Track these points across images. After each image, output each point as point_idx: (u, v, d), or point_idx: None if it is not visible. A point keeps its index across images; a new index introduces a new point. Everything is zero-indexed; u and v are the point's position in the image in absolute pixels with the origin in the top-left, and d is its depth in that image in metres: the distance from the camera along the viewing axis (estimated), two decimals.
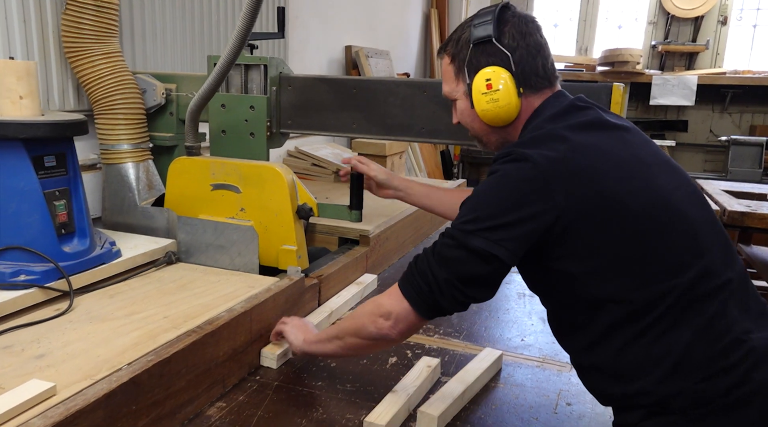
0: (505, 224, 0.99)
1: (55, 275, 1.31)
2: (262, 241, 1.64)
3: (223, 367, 1.27)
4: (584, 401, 1.31)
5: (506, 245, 0.99)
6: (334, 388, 1.32)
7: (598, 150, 1.02)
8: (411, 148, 4.16)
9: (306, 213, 1.66)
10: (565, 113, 1.10)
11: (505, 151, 1.06)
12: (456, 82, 1.20)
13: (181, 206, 1.72)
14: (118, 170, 1.78)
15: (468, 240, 1.00)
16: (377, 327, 1.12)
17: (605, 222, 0.98)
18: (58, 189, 1.37)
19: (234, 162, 1.68)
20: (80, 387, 0.98)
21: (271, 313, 1.44)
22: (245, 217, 1.67)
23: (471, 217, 1.02)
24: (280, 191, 1.63)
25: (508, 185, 1.01)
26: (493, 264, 1.00)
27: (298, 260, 1.64)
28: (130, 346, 1.14)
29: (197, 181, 1.70)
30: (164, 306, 1.34)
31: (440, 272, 1.03)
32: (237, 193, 1.67)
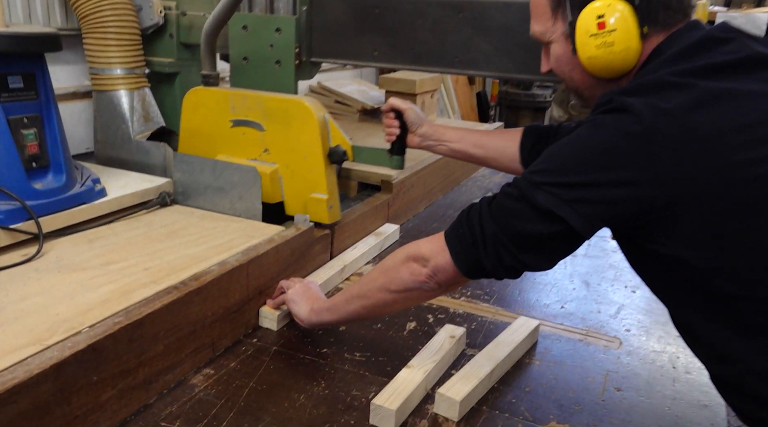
0: (584, 184, 0.79)
1: (22, 215, 1.13)
2: (288, 187, 1.43)
3: (212, 328, 1.09)
4: (636, 386, 1.10)
5: (579, 209, 0.79)
6: (341, 356, 1.14)
7: (730, 102, 0.76)
8: (444, 87, 3.85)
9: (339, 157, 1.41)
10: (694, 50, 0.82)
11: (604, 99, 0.82)
12: (552, 19, 0.95)
13: (197, 145, 1.50)
14: (110, 98, 1.57)
15: (533, 192, 0.82)
16: (412, 273, 0.96)
17: (728, 202, 0.74)
18: (26, 116, 1.17)
19: (257, 95, 1.43)
20: (25, 355, 0.81)
21: (274, 267, 1.25)
22: (269, 159, 1.43)
23: (543, 166, 0.83)
24: (310, 130, 1.38)
25: (599, 138, 0.79)
26: (556, 227, 0.81)
27: (329, 211, 1.41)
28: (98, 303, 0.97)
29: (215, 116, 1.47)
30: (147, 255, 1.16)
31: (490, 224, 0.86)
32: (260, 131, 1.43)
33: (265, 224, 1.37)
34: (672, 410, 1.04)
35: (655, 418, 1.02)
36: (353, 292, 1.07)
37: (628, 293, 1.49)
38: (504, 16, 1.40)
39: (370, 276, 1.04)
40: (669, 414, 1.03)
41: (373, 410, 0.95)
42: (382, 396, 0.96)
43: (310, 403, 1.00)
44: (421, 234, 1.76)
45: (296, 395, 1.01)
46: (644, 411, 1.03)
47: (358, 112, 2.62)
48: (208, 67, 1.50)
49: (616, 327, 1.32)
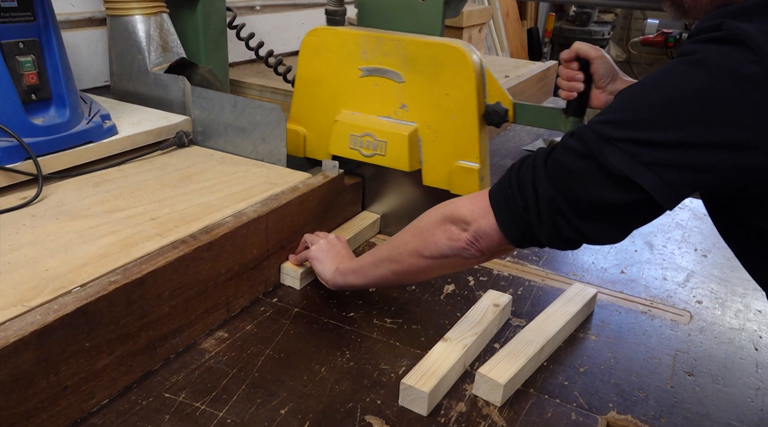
0: (673, 143, 0.63)
1: (20, 154, 1.02)
2: (428, 153, 1.20)
3: (226, 287, 0.98)
4: (711, 371, 0.95)
5: (663, 175, 0.64)
6: (369, 322, 1.01)
7: None
8: (494, 22, 3.56)
9: (500, 117, 1.16)
10: None
11: (706, 24, 0.65)
12: None
13: (315, 96, 1.27)
14: (124, 24, 1.42)
15: (604, 150, 0.67)
16: (450, 237, 0.82)
17: None
18: (22, 40, 1.04)
19: (395, 36, 1.17)
20: (2, 318, 0.70)
21: (297, 219, 1.12)
22: (407, 117, 1.19)
23: (620, 116, 0.67)
24: (464, 83, 1.12)
25: (699, 80, 0.62)
26: (630, 196, 0.66)
27: (479, 183, 1.18)
28: (94, 257, 0.85)
29: (341, 62, 1.22)
30: (156, 203, 1.04)
31: (547, 187, 0.72)
32: (398, 82, 1.20)
33: (290, 170, 1.23)
34: (756, 402, 0.88)
35: (736, 411, 0.87)
36: (382, 254, 0.93)
37: (699, 258, 1.31)
38: None
39: (402, 238, 0.90)
40: (753, 407, 0.87)
41: (403, 390, 0.83)
42: (414, 375, 0.83)
43: (332, 377, 0.88)
44: None
45: (317, 367, 0.90)
46: (722, 402, 0.88)
47: None
48: (334, 1, 1.26)
49: (685, 298, 1.15)
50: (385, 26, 1.25)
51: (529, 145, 1.88)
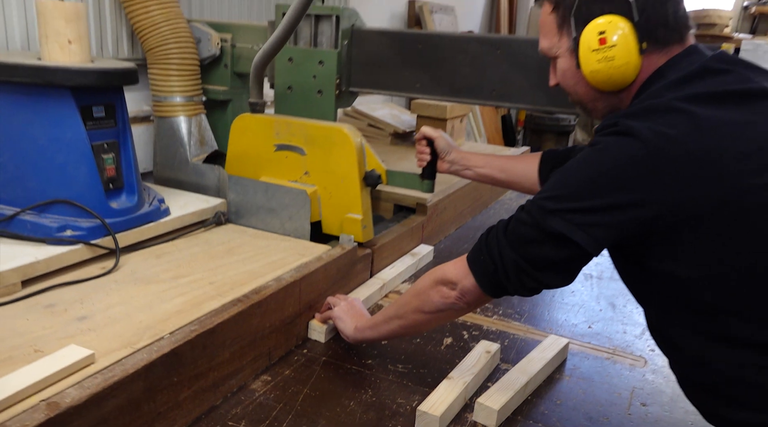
0: (594, 208, 0.85)
1: (101, 231, 1.26)
2: (325, 208, 1.55)
3: (269, 339, 1.20)
4: (661, 402, 1.18)
5: (590, 232, 0.85)
6: (384, 367, 1.24)
7: (731, 130, 0.82)
8: (472, 112, 3.96)
9: (374, 180, 1.53)
10: (694, 78, 0.88)
11: (609, 122, 0.88)
12: (558, 35, 1.00)
13: (243, 166, 1.63)
14: (170, 124, 1.71)
15: (546, 220, 0.88)
16: (443, 296, 1.04)
17: (728, 225, 0.80)
18: (106, 142, 1.30)
19: (300, 121, 1.56)
20: (119, 356, 0.92)
21: (322, 283, 1.36)
22: (309, 181, 1.56)
23: (554, 193, 0.89)
24: (348, 155, 1.50)
25: (605, 162, 0.84)
26: (570, 250, 0.87)
27: (363, 231, 1.53)
28: (174, 313, 1.08)
29: (260, 140, 1.60)
30: (210, 271, 1.27)
31: (509, 252, 0.93)
32: (302, 155, 1.55)
33: (313, 243, 1.49)
34: (695, 424, 1.12)
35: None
36: (390, 313, 1.16)
37: None
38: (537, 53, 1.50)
39: (405, 299, 1.13)
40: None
41: (418, 416, 1.05)
42: (427, 403, 1.06)
43: (360, 409, 1.10)
44: (453, 255, 1.86)
45: (346, 402, 1.11)
46: (668, 425, 1.11)
47: (390, 135, 2.74)
48: (256, 96, 1.63)
49: (641, 347, 1.40)
50: (294, 113, 1.67)
51: None
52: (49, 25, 1.23)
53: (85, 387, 0.84)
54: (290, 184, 1.55)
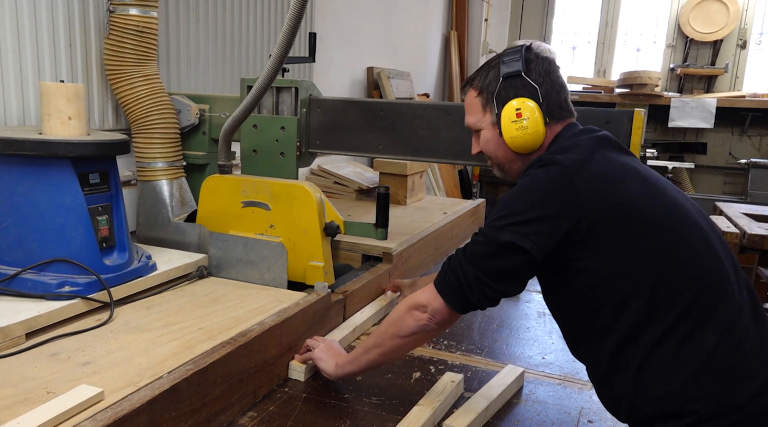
0: (533, 219, 1.07)
1: (97, 286, 1.38)
2: (290, 257, 1.69)
3: (254, 378, 1.32)
4: (605, 418, 1.34)
5: (533, 239, 1.07)
6: (360, 400, 1.36)
7: (619, 164, 1.14)
8: (431, 168, 4.21)
9: (333, 230, 1.71)
10: (584, 132, 1.23)
11: (537, 158, 1.17)
12: (483, 113, 1.28)
13: (212, 222, 1.79)
14: (152, 187, 1.85)
15: (497, 235, 1.09)
16: (415, 319, 1.20)
17: (630, 224, 1.06)
18: (101, 205, 1.44)
19: (264, 180, 1.74)
20: (125, 393, 1.04)
21: (300, 326, 1.49)
22: (274, 233, 1.73)
23: (501, 214, 1.11)
24: (309, 209, 1.69)
25: (536, 185, 1.10)
26: (521, 257, 1.08)
27: (324, 276, 1.69)
28: (169, 355, 1.20)
29: (229, 198, 1.77)
30: (198, 318, 1.40)
31: (469, 268, 1.12)
32: (267, 210, 1.73)
33: (291, 291, 1.63)
34: None
35: None
36: (369, 344, 1.31)
37: None
38: None
39: (382, 328, 1.29)
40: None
41: None
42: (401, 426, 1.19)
43: None
44: None
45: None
46: None
47: (355, 191, 2.93)
48: (224, 159, 1.81)
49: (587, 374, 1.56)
50: (259, 173, 1.89)
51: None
52: (51, 104, 1.38)
53: (98, 420, 0.95)
54: (258, 237, 1.70)
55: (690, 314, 1.03)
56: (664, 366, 1.03)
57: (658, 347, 1.04)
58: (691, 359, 1.02)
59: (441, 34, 5.15)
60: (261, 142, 1.91)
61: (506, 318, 1.91)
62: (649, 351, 1.04)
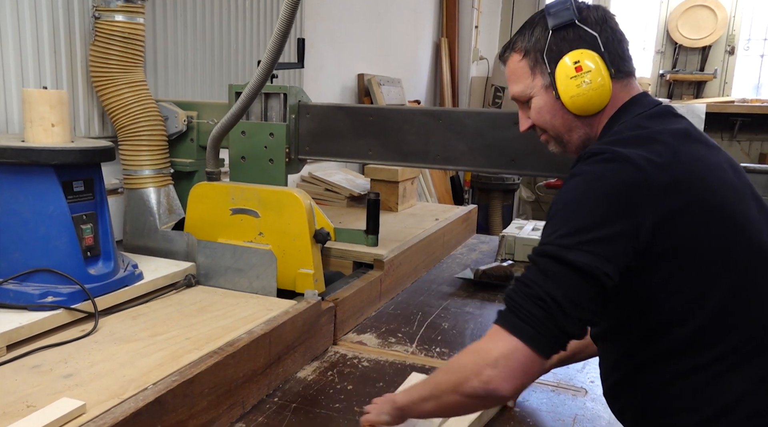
0: (611, 236, 0.88)
1: (81, 296, 1.35)
2: (279, 264, 1.67)
3: (242, 388, 1.29)
4: (600, 425, 1.32)
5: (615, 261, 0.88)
6: (351, 410, 1.34)
7: (706, 165, 0.95)
8: (422, 175, 4.20)
9: (323, 237, 1.69)
10: (661, 116, 1.02)
11: (594, 150, 0.95)
12: (531, 77, 1.10)
13: (201, 230, 1.76)
14: (140, 195, 1.82)
15: (569, 255, 0.88)
16: (483, 381, 0.89)
17: (707, 246, 0.90)
18: (85, 213, 1.41)
19: (253, 187, 1.72)
20: (108, 406, 1.01)
21: (290, 335, 1.46)
22: (263, 241, 1.70)
23: (568, 229, 0.89)
24: (298, 216, 1.67)
25: (605, 189, 0.89)
26: (601, 284, 0.88)
27: (314, 284, 1.67)
28: (155, 366, 1.17)
29: (217, 205, 1.74)
30: (186, 328, 1.37)
31: (556, 290, 0.87)
32: (256, 217, 1.70)
33: (279, 299, 1.60)
34: None
35: None
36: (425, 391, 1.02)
37: None
38: (475, 122, 1.72)
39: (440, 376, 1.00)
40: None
41: None
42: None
43: None
44: (410, 307, 2.00)
45: None
46: None
47: (346, 198, 2.91)
48: (212, 166, 1.80)
49: (582, 379, 1.54)
50: (248, 180, 1.86)
51: (460, 274, 2.32)
52: (34, 111, 1.36)
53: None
54: (247, 245, 1.68)
55: (733, 353, 0.92)
56: (684, 399, 0.94)
57: (685, 379, 0.94)
58: (716, 399, 0.92)
59: (432, 41, 5.16)
60: (249, 149, 1.89)
61: None
62: (673, 379, 0.94)
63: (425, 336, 1.77)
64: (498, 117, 1.70)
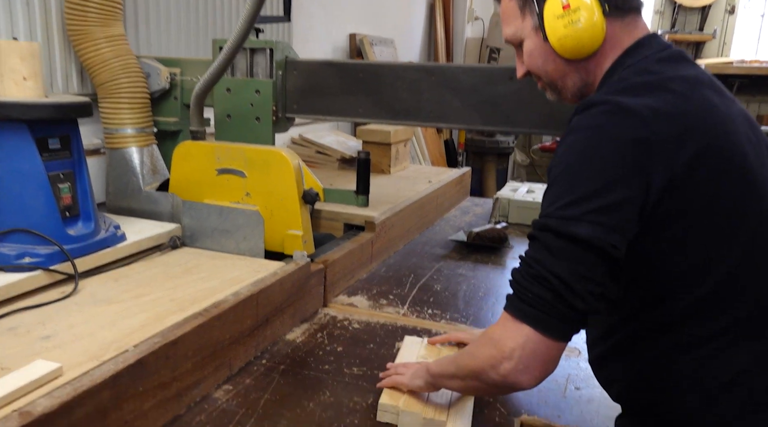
0: (616, 203, 0.79)
1: (59, 257, 1.30)
2: (267, 225, 1.62)
3: (229, 350, 1.26)
4: (593, 385, 1.30)
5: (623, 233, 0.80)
6: (341, 372, 1.31)
7: (720, 116, 0.84)
8: (415, 137, 4.13)
9: (312, 198, 1.64)
10: (673, 60, 0.90)
11: (593, 100, 0.85)
12: (521, 17, 1.00)
13: (185, 191, 1.71)
14: (122, 155, 1.76)
15: (571, 228, 0.80)
16: (501, 374, 0.86)
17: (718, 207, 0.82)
18: (62, 172, 1.35)
19: (239, 146, 1.66)
20: (87, 368, 0.97)
21: (278, 297, 1.43)
22: (250, 201, 1.65)
23: (570, 198, 0.81)
24: (286, 176, 1.61)
25: (607, 148, 0.80)
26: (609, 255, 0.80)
27: (303, 245, 1.63)
28: (137, 328, 1.13)
29: (202, 165, 1.69)
30: (170, 289, 1.33)
31: (560, 267, 0.80)
32: (242, 177, 1.65)
33: (268, 261, 1.56)
34: None
35: (607, 409, 1.21)
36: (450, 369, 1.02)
37: None
38: (470, 78, 1.65)
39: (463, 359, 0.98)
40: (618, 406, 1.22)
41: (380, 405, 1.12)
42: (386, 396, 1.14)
43: (319, 408, 1.17)
44: (402, 269, 1.97)
45: (306, 403, 1.18)
46: (600, 403, 1.23)
47: (338, 160, 2.85)
48: (197, 124, 1.73)
49: (575, 340, 1.50)
50: (233, 139, 1.79)
51: (453, 236, 2.28)
52: (4, 64, 1.28)
53: (55, 397, 0.89)
54: (233, 206, 1.63)
55: (736, 326, 0.85)
56: (683, 373, 0.87)
57: (684, 352, 0.87)
58: (719, 375, 0.85)
59: (426, 1, 5.02)
60: (235, 107, 1.83)
61: (492, 286, 1.86)
62: (670, 351, 0.88)
63: (417, 298, 1.74)
64: (493, 72, 1.63)
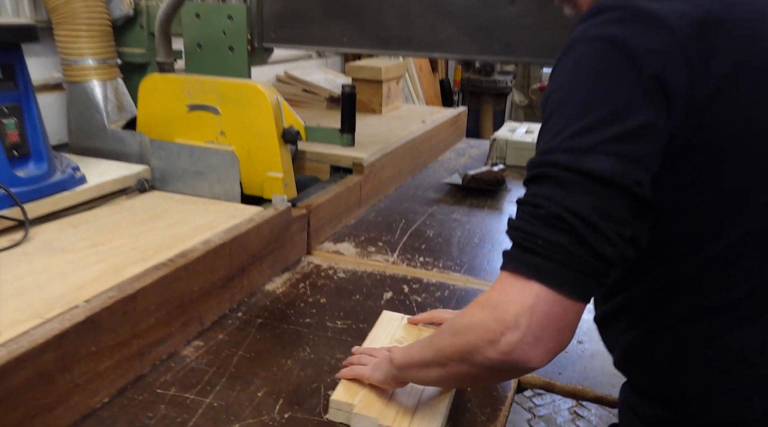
0: (639, 129, 0.62)
1: (7, 201, 1.16)
2: (244, 167, 1.48)
3: (199, 303, 1.15)
4: (596, 339, 1.19)
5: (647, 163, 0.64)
6: (323, 326, 1.21)
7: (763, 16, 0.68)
8: (409, 75, 3.93)
9: (293, 136, 1.50)
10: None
11: (605, 4, 0.67)
12: None
13: (154, 129, 1.55)
14: (82, 89, 1.60)
15: (585, 161, 0.62)
16: (501, 351, 0.64)
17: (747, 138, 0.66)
18: (5, 105, 1.20)
19: (212, 80, 1.50)
20: (27, 327, 0.85)
21: (255, 245, 1.31)
22: (225, 141, 1.51)
23: (580, 125, 0.63)
24: (264, 112, 1.46)
25: (626, 61, 0.63)
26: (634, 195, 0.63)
27: (284, 189, 1.49)
28: (91, 280, 1.01)
29: (171, 101, 1.53)
30: (133, 237, 1.20)
31: (577, 202, 0.62)
32: (216, 114, 1.50)
33: (245, 205, 1.43)
34: None
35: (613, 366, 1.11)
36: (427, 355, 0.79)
37: None
38: (465, 0, 1.48)
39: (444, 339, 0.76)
40: None
41: None
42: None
43: (297, 366, 1.06)
44: (393, 214, 1.84)
45: (283, 361, 1.08)
46: (604, 360, 1.13)
47: (326, 99, 2.67)
48: (163, 55, 1.57)
49: None
50: (205, 72, 1.61)
51: (447, 179, 2.15)
52: None
53: None
54: (206, 145, 1.48)
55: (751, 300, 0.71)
56: (696, 346, 0.74)
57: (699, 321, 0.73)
58: (720, 356, 0.73)
59: None
60: (206, 35, 1.65)
61: (488, 232, 1.75)
62: (679, 321, 0.74)
63: (408, 245, 1.62)
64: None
